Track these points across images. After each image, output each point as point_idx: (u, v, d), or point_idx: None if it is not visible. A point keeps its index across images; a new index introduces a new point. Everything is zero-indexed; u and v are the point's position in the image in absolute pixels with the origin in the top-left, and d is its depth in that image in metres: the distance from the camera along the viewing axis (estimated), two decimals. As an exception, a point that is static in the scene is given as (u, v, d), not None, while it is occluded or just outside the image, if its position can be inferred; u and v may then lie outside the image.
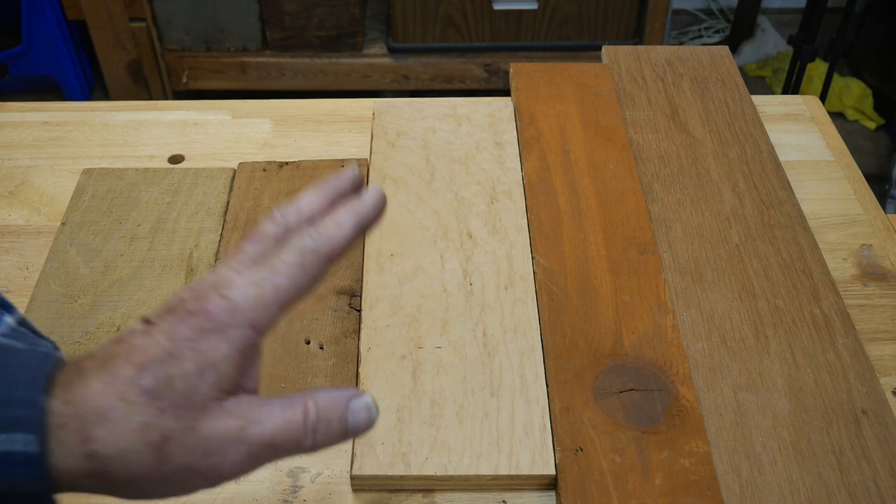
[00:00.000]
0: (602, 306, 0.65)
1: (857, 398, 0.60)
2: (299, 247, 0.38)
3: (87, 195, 0.76)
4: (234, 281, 0.37)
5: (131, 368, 0.35)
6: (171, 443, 0.35)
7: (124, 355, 0.36)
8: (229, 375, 0.37)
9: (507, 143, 0.81)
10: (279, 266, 0.38)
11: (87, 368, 0.36)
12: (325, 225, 0.39)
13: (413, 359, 0.62)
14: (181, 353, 0.36)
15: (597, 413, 0.58)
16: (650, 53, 0.91)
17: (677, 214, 0.73)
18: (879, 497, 0.54)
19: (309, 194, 0.42)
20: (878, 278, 0.72)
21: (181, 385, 0.35)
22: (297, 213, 0.40)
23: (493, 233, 0.72)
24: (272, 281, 0.38)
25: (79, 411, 0.34)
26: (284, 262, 0.38)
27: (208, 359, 0.36)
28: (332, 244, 0.39)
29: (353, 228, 0.40)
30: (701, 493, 0.54)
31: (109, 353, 0.36)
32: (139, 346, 0.36)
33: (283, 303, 0.38)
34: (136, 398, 0.35)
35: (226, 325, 0.36)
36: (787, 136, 0.86)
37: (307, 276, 0.38)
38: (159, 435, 0.35)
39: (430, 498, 0.56)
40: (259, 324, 0.37)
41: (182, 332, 0.36)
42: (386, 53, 1.89)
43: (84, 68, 2.03)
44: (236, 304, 0.37)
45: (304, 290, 0.39)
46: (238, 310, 0.37)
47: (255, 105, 0.89)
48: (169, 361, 0.35)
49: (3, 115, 0.87)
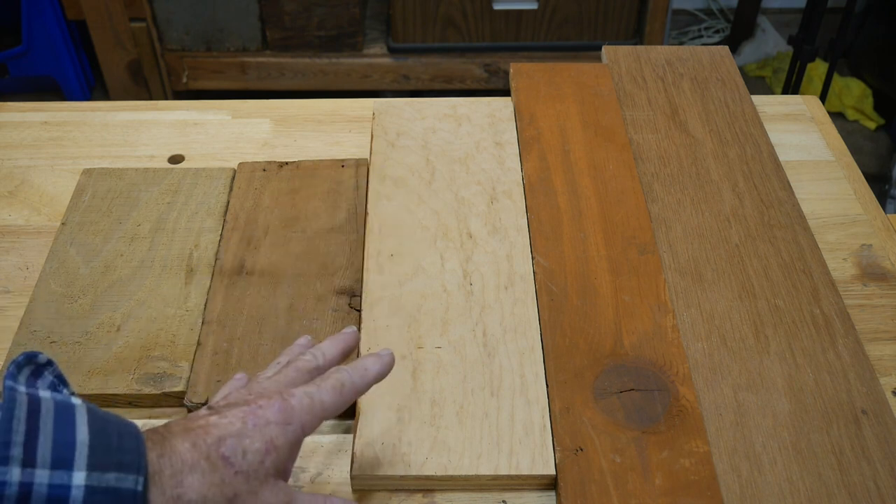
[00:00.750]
0: (602, 306, 0.65)
1: (857, 398, 0.60)
2: (340, 377, 0.50)
3: (87, 195, 0.76)
4: (292, 391, 0.48)
5: (213, 437, 0.44)
6: (239, 500, 0.44)
7: (205, 427, 0.45)
8: (283, 459, 0.47)
9: (507, 143, 0.81)
10: (325, 387, 0.49)
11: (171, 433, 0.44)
12: (357, 368, 0.51)
13: (413, 359, 0.62)
14: (252, 434, 0.45)
15: (597, 413, 0.58)
16: (650, 53, 0.91)
17: (677, 214, 0.73)
18: (879, 497, 0.54)
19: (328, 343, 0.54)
20: (878, 278, 0.72)
21: (251, 458, 0.45)
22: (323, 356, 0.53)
23: (493, 233, 0.72)
24: (319, 396, 0.49)
25: (172, 462, 0.42)
26: (328, 384, 0.50)
27: (273, 443, 0.46)
28: (363, 381, 0.51)
29: (376, 375, 0.52)
30: (701, 493, 0.54)
31: (187, 426, 0.45)
32: (216, 423, 0.45)
33: (323, 415, 0.49)
34: (217, 460, 0.44)
35: (286, 421, 0.47)
36: (787, 136, 0.86)
37: (342, 399, 0.50)
38: (232, 492, 0.44)
39: (430, 498, 0.56)
40: (306, 427, 0.48)
41: (253, 419, 0.46)
42: (386, 53, 1.88)
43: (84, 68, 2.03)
44: (294, 406, 0.47)
45: (337, 411, 0.50)
46: (295, 411, 0.47)
47: (255, 105, 0.89)
48: (243, 438, 0.45)
49: (3, 115, 0.87)
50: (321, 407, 0.49)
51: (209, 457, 0.44)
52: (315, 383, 0.50)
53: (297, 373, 0.51)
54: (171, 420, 0.47)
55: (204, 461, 0.43)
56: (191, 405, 0.60)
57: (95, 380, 0.61)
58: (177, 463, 0.43)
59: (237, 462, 0.44)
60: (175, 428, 0.45)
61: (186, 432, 0.44)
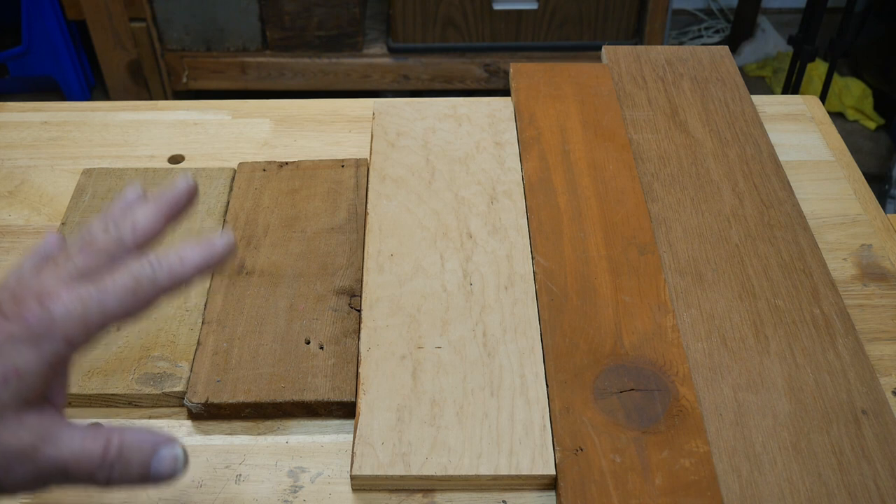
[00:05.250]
0: (602, 306, 0.65)
1: (857, 398, 0.60)
2: (136, 273, 0.37)
3: (87, 195, 0.76)
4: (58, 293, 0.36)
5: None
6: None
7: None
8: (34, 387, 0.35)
9: (507, 143, 0.81)
10: (110, 287, 0.37)
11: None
12: (167, 257, 0.38)
13: (413, 359, 0.62)
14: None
15: (597, 413, 0.58)
16: (650, 53, 0.91)
17: (677, 214, 0.73)
18: (879, 497, 0.54)
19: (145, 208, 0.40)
20: (878, 278, 0.72)
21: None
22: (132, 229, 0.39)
23: (493, 233, 0.72)
24: (99, 300, 0.36)
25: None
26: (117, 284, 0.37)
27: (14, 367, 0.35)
28: (171, 278, 0.38)
29: (195, 268, 0.39)
30: (701, 493, 0.54)
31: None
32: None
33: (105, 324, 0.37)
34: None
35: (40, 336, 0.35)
36: (787, 136, 0.86)
37: (137, 304, 0.37)
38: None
39: (430, 498, 0.56)
40: (75, 340, 0.36)
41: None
42: (386, 53, 1.89)
43: (84, 68, 2.03)
44: (55, 317, 0.35)
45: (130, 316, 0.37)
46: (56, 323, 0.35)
47: (255, 105, 0.89)
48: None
49: (3, 115, 0.87)
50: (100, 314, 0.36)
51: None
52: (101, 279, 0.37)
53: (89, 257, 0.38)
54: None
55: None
56: (191, 405, 0.60)
57: (95, 380, 0.61)
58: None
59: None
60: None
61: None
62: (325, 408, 0.61)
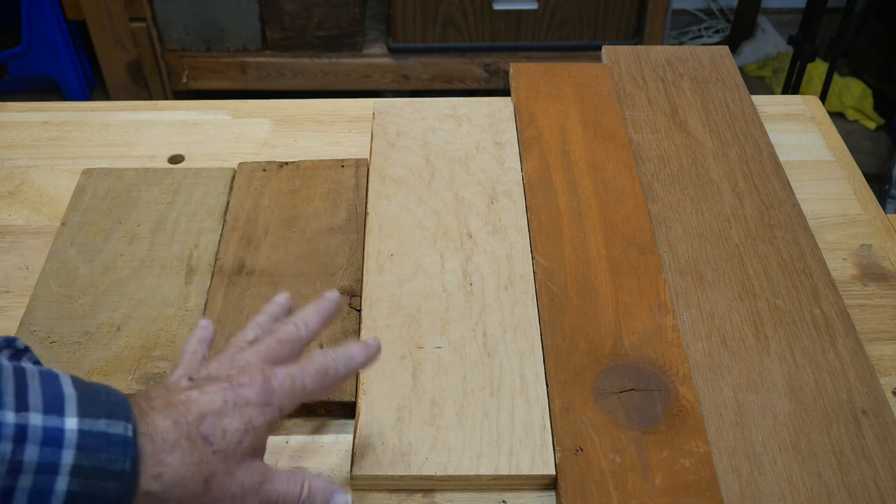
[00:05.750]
0: (602, 306, 0.65)
1: (857, 398, 0.60)
2: (325, 363, 0.50)
3: (87, 195, 0.76)
4: (276, 371, 0.48)
5: (194, 415, 0.44)
6: (215, 480, 0.44)
7: (186, 403, 0.45)
8: (260, 441, 0.47)
9: (507, 143, 0.81)
10: (309, 370, 0.49)
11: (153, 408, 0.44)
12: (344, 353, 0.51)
13: (413, 359, 0.62)
14: (232, 413, 0.45)
15: (597, 413, 0.58)
16: (650, 53, 0.91)
17: (677, 214, 0.73)
18: (879, 497, 0.54)
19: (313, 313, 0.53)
20: (878, 278, 0.72)
21: (230, 438, 0.45)
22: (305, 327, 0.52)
23: (493, 233, 0.72)
24: (301, 379, 0.48)
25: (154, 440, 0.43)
26: (312, 368, 0.49)
27: (252, 423, 0.46)
28: (346, 369, 0.51)
29: (360, 364, 0.51)
30: (701, 493, 0.54)
31: (169, 401, 0.45)
32: (197, 399, 0.45)
33: (303, 399, 0.49)
34: (197, 439, 0.44)
35: (266, 402, 0.46)
36: (787, 136, 0.86)
37: (324, 385, 0.49)
38: (209, 471, 0.44)
39: (430, 498, 0.56)
40: (284, 409, 0.48)
41: (233, 397, 0.46)
42: (386, 53, 1.88)
43: (84, 68, 2.03)
44: (275, 388, 0.47)
45: (317, 395, 0.50)
46: (275, 393, 0.47)
47: (255, 105, 0.89)
48: (223, 417, 0.45)
49: (3, 115, 0.87)
50: (302, 391, 0.48)
51: (189, 435, 0.44)
52: (299, 365, 0.49)
53: (279, 345, 0.51)
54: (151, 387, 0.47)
55: (185, 440, 0.43)
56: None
57: (95, 380, 0.61)
58: (158, 441, 0.43)
59: (216, 441, 0.44)
60: (156, 402, 0.45)
61: (168, 408, 0.44)
62: (325, 408, 0.61)
